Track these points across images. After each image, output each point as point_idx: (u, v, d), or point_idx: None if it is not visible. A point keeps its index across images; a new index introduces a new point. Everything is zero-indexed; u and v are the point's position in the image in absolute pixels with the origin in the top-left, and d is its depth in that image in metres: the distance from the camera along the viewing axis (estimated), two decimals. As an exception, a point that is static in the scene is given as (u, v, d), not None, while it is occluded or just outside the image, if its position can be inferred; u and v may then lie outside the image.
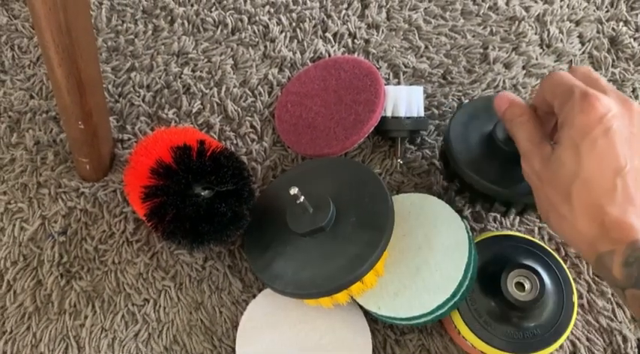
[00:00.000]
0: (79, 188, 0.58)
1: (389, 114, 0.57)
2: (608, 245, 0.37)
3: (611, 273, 0.37)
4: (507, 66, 0.64)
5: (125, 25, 0.66)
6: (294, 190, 0.48)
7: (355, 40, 0.65)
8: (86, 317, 0.53)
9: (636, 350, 0.51)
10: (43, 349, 0.52)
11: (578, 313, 0.52)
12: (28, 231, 0.56)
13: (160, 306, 0.53)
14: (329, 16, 0.66)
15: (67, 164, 0.59)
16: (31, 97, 0.62)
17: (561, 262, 0.49)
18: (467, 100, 0.61)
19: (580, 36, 0.66)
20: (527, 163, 0.43)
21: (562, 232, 0.41)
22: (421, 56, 0.64)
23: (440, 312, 0.47)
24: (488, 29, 0.66)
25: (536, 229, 0.55)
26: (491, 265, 0.48)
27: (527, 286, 0.46)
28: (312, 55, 0.64)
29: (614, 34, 0.66)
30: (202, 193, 0.48)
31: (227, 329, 0.53)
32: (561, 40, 0.65)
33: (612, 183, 0.38)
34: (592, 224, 0.38)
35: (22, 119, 0.61)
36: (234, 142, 0.60)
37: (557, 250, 0.55)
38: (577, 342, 0.52)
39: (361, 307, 0.50)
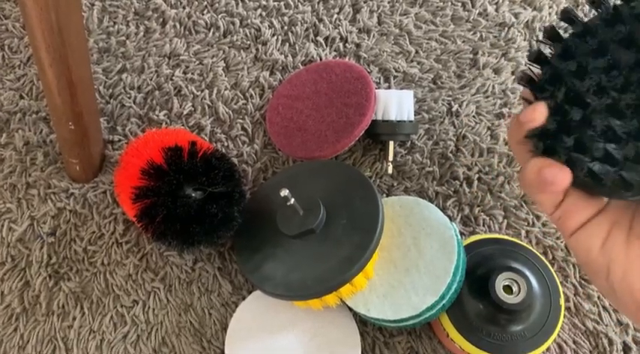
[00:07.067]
0: (68, 189, 0.57)
1: (379, 117, 0.58)
2: None
3: None
4: (497, 71, 0.64)
5: (117, 26, 0.66)
6: (284, 192, 0.48)
7: (346, 44, 0.65)
8: (74, 319, 0.53)
9: (622, 353, 0.52)
10: (30, 350, 0.52)
11: (565, 316, 0.53)
12: (17, 232, 0.56)
13: (149, 307, 0.53)
14: (320, 20, 0.67)
15: (57, 165, 0.59)
16: (21, 97, 0.62)
17: (548, 265, 0.50)
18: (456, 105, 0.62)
19: (568, 43, 0.67)
20: None
21: None
22: (412, 61, 0.65)
23: (428, 314, 0.47)
24: (478, 35, 0.66)
25: (523, 232, 0.56)
26: (479, 268, 0.49)
27: (515, 289, 0.47)
28: (303, 58, 0.64)
29: (601, 41, 0.67)
30: (193, 195, 0.48)
31: (216, 331, 0.53)
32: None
33: None
34: None
35: (11, 119, 0.61)
36: (225, 144, 0.60)
37: (545, 253, 0.55)
38: (564, 345, 0.52)
39: (350, 309, 0.50)
